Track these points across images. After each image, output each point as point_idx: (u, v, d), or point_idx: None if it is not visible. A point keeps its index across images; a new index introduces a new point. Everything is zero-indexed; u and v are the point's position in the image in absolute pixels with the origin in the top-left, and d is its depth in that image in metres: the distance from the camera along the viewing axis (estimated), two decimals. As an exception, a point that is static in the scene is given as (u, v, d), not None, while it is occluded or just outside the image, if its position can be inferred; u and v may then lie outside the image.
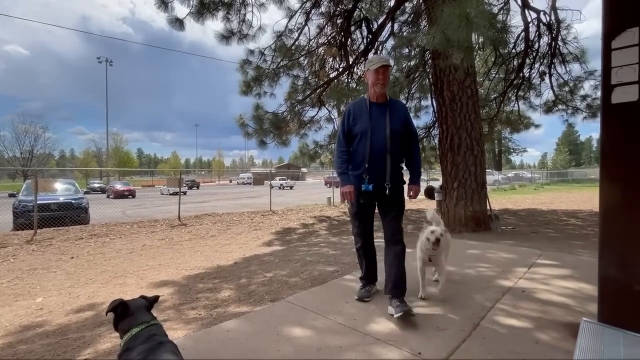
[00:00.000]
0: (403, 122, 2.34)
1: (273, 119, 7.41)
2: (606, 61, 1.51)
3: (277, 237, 6.51)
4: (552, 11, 7.58)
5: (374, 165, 2.25)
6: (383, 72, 2.24)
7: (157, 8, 5.81)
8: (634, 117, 1.47)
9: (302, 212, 10.85)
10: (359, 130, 2.29)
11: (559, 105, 9.57)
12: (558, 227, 6.78)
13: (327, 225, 7.93)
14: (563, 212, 9.58)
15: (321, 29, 8.18)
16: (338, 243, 5.62)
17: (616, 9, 1.47)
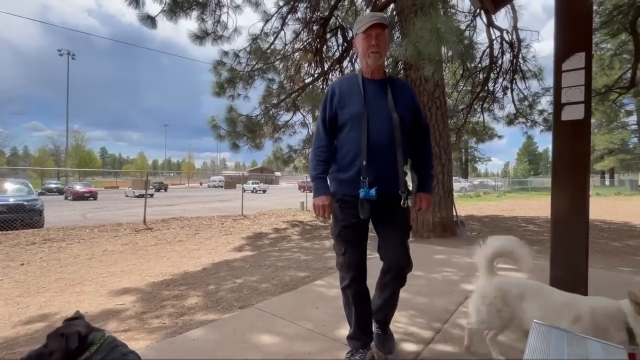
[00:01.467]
0: (410, 107, 1.65)
1: (247, 121, 7.32)
2: (557, 82, 1.64)
3: (248, 242, 6.41)
4: (513, 31, 8.12)
5: (377, 162, 1.54)
6: (377, 36, 1.56)
7: (128, 4, 5.58)
8: (581, 134, 1.61)
9: (274, 216, 10.75)
10: (349, 114, 1.59)
11: (519, 118, 10.21)
12: (518, 233, 7.20)
13: (300, 230, 7.91)
14: (523, 218, 10.19)
15: (297, 34, 8.22)
16: (310, 248, 5.62)
17: (566, 36, 1.61)
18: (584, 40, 1.57)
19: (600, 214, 11.22)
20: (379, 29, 1.56)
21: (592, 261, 4.35)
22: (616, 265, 4.30)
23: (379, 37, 1.57)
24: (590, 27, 1.59)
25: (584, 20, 1.58)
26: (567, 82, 1.60)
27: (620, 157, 32.96)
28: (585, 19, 1.58)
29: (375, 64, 1.61)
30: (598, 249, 5.57)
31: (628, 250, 5.50)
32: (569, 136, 1.63)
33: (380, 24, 1.55)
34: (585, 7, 1.60)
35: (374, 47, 1.57)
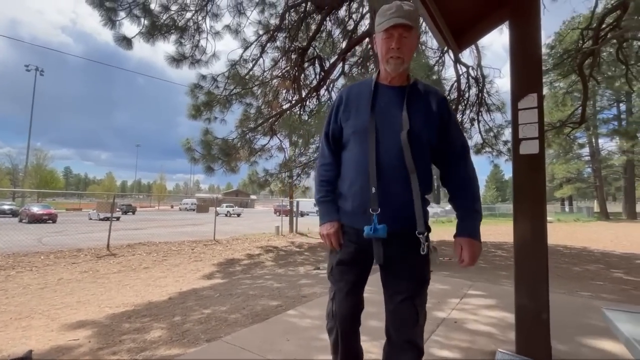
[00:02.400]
0: (433, 122, 1.28)
1: (222, 145, 7.26)
2: (514, 119, 1.78)
3: (219, 269, 6.16)
4: (478, 68, 8.78)
5: (385, 190, 1.21)
6: (399, 38, 1.24)
7: (104, 25, 5.54)
8: (537, 167, 1.73)
9: (248, 241, 10.48)
10: (352, 128, 1.32)
11: (486, 148, 10.82)
12: (487, 258, 7.42)
13: (274, 256, 7.73)
14: (492, 243, 10.55)
15: (276, 62, 8.43)
16: (284, 275, 5.48)
17: (520, 78, 1.76)
18: (536, 82, 1.73)
19: (562, 240, 11.84)
20: (403, 30, 1.23)
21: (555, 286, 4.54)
22: (577, 289, 4.50)
23: (402, 40, 1.24)
24: (540, 71, 1.75)
25: (535, 65, 1.75)
26: (523, 120, 1.73)
27: (577, 185, 35.40)
28: (536, 64, 1.75)
29: (395, 72, 1.28)
30: (561, 273, 5.83)
31: (587, 274, 5.79)
32: (526, 169, 1.74)
33: (405, 25, 1.22)
34: (535, 53, 1.77)
35: (394, 51, 1.24)
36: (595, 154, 31.64)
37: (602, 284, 5.01)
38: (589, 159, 33.01)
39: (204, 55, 7.22)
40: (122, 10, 5.79)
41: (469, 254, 1.23)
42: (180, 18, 6.70)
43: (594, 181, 33.07)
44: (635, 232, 15.22)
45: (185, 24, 6.81)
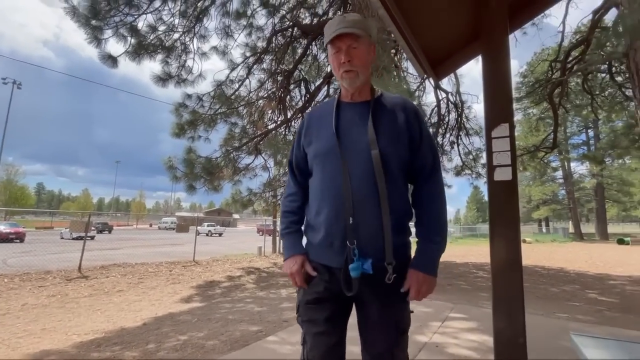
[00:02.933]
0: (402, 138, 1.14)
1: (206, 163, 7.18)
2: (488, 146, 1.86)
3: (198, 291, 5.95)
4: (457, 94, 9.20)
5: (360, 219, 1.06)
6: (348, 50, 1.13)
7: (89, 43, 5.52)
8: (511, 193, 1.81)
9: (229, 262, 10.21)
10: (314, 151, 1.19)
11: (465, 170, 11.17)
12: (469, 280, 7.49)
13: (255, 278, 7.55)
14: (474, 264, 10.68)
15: (262, 83, 8.56)
16: (265, 298, 5.34)
17: (492, 109, 1.87)
18: (507, 113, 1.83)
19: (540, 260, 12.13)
20: (351, 40, 1.11)
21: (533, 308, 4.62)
22: (554, 311, 4.58)
23: (351, 52, 1.12)
24: (511, 103, 1.86)
25: (505, 97, 1.86)
26: (497, 148, 1.82)
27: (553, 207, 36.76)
28: (507, 96, 1.86)
29: (353, 87, 1.17)
30: (539, 294, 5.94)
31: (564, 295, 5.92)
32: (501, 194, 1.81)
33: (349, 34, 1.10)
34: (505, 86, 1.89)
35: (345, 65, 1.12)
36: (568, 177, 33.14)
37: (578, 305, 5.12)
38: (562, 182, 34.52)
39: (190, 75, 7.26)
40: (108, 29, 5.80)
41: (416, 290, 1.05)
42: (168, 38, 6.76)
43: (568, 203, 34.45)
44: (607, 253, 15.79)
45: (173, 44, 6.87)
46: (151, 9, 6.16)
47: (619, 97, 9.62)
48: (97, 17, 5.42)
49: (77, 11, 5.31)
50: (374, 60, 1.27)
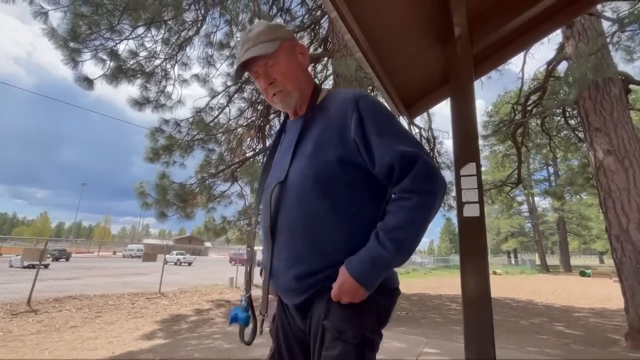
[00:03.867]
0: (333, 141, 0.93)
1: (179, 190, 6.99)
2: (458, 184, 1.96)
3: (163, 326, 5.55)
4: (429, 129, 9.70)
5: (279, 254, 0.96)
6: (265, 71, 1.00)
7: (65, 64, 5.42)
8: (479, 228, 1.89)
9: (198, 294, 9.68)
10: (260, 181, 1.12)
11: (437, 203, 11.54)
12: (443, 312, 7.50)
13: (225, 312, 7.17)
14: (447, 296, 10.74)
15: (242, 111, 8.66)
16: (234, 334, 5.05)
17: (460, 148, 1.99)
18: (474, 153, 1.96)
19: (510, 292, 12.41)
20: (265, 59, 0.97)
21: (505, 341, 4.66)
22: (525, 344, 4.64)
23: (271, 70, 0.98)
24: (477, 143, 2.00)
25: (472, 138, 2.00)
26: (465, 185, 1.92)
27: (520, 239, 38.30)
28: (473, 137, 2.00)
29: (289, 107, 1.04)
30: (510, 328, 6.02)
31: (533, 328, 6.04)
32: (470, 230, 1.89)
33: (255, 57, 0.95)
34: (472, 128, 2.03)
35: (270, 88, 0.99)
36: (533, 211, 34.93)
37: (546, 338, 5.23)
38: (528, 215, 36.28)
39: (169, 100, 7.24)
40: (87, 52, 5.75)
41: (337, 287, 0.84)
42: (149, 64, 6.78)
43: (534, 236, 36.05)
44: (571, 285, 16.44)
45: (153, 70, 6.89)
46: (134, 35, 6.21)
47: (573, 139, 10.51)
48: (76, 40, 5.38)
49: (56, 33, 5.26)
50: (305, 60, 1.07)
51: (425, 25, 2.14)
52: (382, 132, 0.89)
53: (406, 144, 0.88)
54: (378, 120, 0.91)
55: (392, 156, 0.86)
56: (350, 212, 0.90)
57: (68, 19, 5.28)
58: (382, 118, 0.92)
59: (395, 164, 0.86)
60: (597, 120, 5.72)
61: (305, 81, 1.06)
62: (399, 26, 2.06)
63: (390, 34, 2.08)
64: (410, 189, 0.85)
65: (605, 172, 5.48)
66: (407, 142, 0.89)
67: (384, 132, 0.89)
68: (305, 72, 1.07)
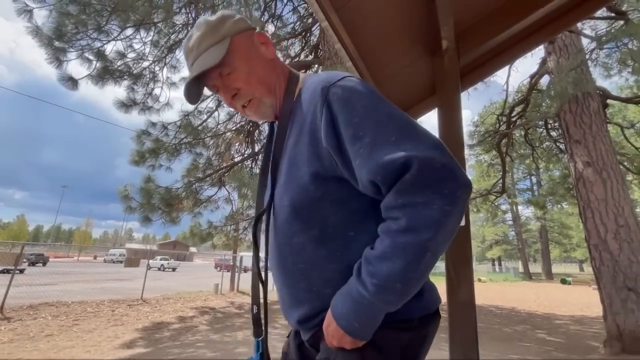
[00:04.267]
0: (307, 152, 0.71)
1: (165, 194, 6.86)
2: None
3: (144, 335, 5.39)
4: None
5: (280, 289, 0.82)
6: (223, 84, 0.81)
7: (49, 63, 5.29)
8: (464, 237, 1.92)
9: (181, 301, 9.46)
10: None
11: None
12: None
13: (210, 319, 7.03)
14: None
15: (231, 116, 8.61)
16: (219, 342, 4.96)
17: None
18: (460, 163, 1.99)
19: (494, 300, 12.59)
20: (217, 69, 0.78)
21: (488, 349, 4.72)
22: (508, 352, 4.71)
23: (230, 80, 0.80)
24: (463, 153, 2.04)
25: (458, 148, 2.04)
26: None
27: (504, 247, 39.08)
28: (459, 147, 2.04)
29: (267, 116, 0.86)
30: (493, 335, 6.09)
31: (516, 336, 6.13)
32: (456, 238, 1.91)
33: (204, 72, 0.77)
34: (458, 138, 2.07)
35: (235, 101, 0.82)
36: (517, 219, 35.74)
37: (528, 345, 5.31)
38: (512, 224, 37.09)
39: (156, 103, 7.14)
40: (72, 51, 5.63)
41: (324, 327, 0.70)
42: (136, 66, 6.68)
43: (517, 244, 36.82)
44: (553, 292, 16.81)
45: (141, 72, 6.79)
46: (122, 36, 6.12)
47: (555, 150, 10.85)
48: (61, 39, 5.27)
49: (40, 31, 5.14)
50: (268, 50, 0.83)
51: (414, 37, 2.19)
52: (358, 135, 0.64)
53: (392, 147, 0.61)
54: (353, 114, 0.66)
55: (370, 171, 0.62)
56: (346, 238, 0.71)
57: (54, 18, 5.17)
58: (359, 110, 0.66)
59: (376, 180, 0.62)
60: (577, 132, 5.93)
61: (276, 77, 0.83)
62: (388, 37, 2.10)
63: (380, 44, 2.12)
64: (395, 204, 0.60)
65: (584, 183, 5.67)
66: (395, 142, 0.62)
67: (361, 134, 0.64)
68: (272, 66, 0.84)
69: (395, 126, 0.64)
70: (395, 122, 0.65)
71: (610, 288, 5.09)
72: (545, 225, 33.00)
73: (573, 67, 5.89)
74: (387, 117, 0.66)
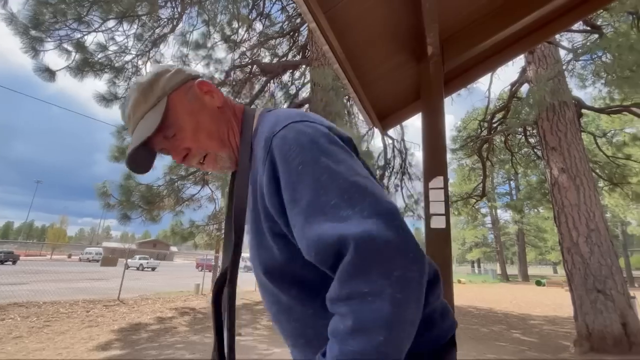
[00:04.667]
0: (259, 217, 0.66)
1: (145, 192, 6.68)
2: (426, 196, 2.03)
3: (120, 336, 5.23)
4: (401, 141, 10.00)
5: None
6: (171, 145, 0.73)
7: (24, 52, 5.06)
8: (444, 240, 1.96)
9: (160, 301, 9.24)
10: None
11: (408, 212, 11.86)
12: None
13: (190, 320, 6.90)
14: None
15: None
16: (199, 343, 4.87)
17: (429, 162, 2.07)
18: (442, 167, 2.04)
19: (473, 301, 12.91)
20: (158, 144, 0.74)
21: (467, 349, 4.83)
22: (485, 352, 4.84)
23: (177, 142, 0.73)
24: (445, 158, 2.09)
25: (441, 152, 2.08)
26: (433, 197, 1.99)
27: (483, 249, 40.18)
28: (441, 151, 2.08)
29: (229, 169, 0.79)
30: (471, 335, 6.25)
31: (492, 335, 6.31)
32: (437, 241, 1.96)
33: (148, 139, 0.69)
34: (440, 143, 2.12)
35: (187, 161, 0.75)
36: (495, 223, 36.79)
37: (504, 345, 5.48)
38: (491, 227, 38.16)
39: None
40: (50, 41, 5.41)
41: None
42: (118, 59, 6.49)
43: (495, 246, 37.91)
44: (528, 293, 17.40)
45: (123, 65, 6.60)
46: (103, 28, 5.93)
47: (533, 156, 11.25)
48: (38, 28, 5.06)
49: (16, 19, 4.91)
50: (214, 97, 0.76)
51: (400, 42, 2.23)
52: (295, 198, 0.57)
53: (327, 218, 0.52)
54: (292, 172, 0.58)
55: (306, 247, 0.55)
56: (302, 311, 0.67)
57: (30, 5, 4.96)
58: (297, 167, 0.57)
59: (313, 259, 0.55)
60: (553, 140, 6.18)
61: (227, 126, 0.76)
62: (375, 41, 2.12)
63: (367, 48, 2.14)
64: (339, 296, 0.51)
65: (559, 189, 5.90)
66: (332, 210, 0.53)
67: (297, 197, 0.56)
68: (221, 115, 0.76)
69: (336, 187, 0.54)
70: (336, 182, 0.55)
71: (581, 290, 5.31)
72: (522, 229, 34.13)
73: (551, 77, 6.13)
74: (328, 176, 0.55)
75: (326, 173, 0.56)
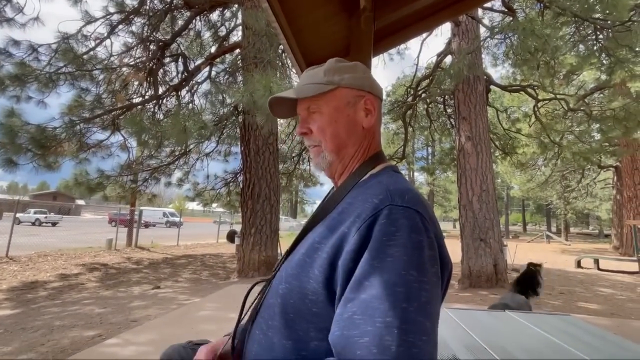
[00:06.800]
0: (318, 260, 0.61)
1: (37, 133, 5.62)
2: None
3: (11, 295, 4.66)
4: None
5: None
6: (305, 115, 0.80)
7: None
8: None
9: (64, 257, 8.34)
10: None
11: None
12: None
13: (101, 275, 6.42)
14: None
15: (129, 48, 7.32)
16: (111, 298, 4.61)
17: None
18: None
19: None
20: (308, 102, 0.78)
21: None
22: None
23: (311, 118, 0.78)
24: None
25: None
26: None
27: (399, 207, 44.83)
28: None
29: (320, 169, 0.80)
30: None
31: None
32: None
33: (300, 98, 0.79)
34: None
35: (305, 139, 0.81)
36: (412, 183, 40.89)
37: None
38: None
39: (20, 15, 5.57)
40: None
41: None
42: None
43: (409, 205, 42.54)
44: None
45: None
46: None
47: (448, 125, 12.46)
48: None
49: None
50: (366, 119, 0.78)
51: (333, -11, 2.14)
52: (362, 281, 0.53)
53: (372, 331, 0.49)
54: (380, 257, 0.54)
55: (335, 335, 0.53)
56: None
57: None
58: (386, 258, 0.54)
59: (334, 340, 0.53)
60: (465, 110, 6.89)
61: (355, 146, 0.81)
62: (307, -17, 2.00)
63: (298, -11, 2.01)
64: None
65: (464, 154, 6.73)
66: (382, 327, 0.49)
67: (366, 284, 0.53)
68: (359, 134, 0.81)
69: (401, 311, 0.49)
70: (406, 304, 0.50)
71: (469, 239, 6.38)
72: (433, 190, 38.71)
73: (470, 51, 6.65)
74: (404, 290, 0.51)
75: (404, 287, 0.52)
